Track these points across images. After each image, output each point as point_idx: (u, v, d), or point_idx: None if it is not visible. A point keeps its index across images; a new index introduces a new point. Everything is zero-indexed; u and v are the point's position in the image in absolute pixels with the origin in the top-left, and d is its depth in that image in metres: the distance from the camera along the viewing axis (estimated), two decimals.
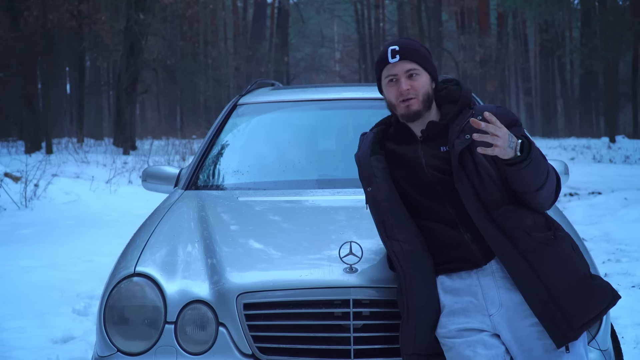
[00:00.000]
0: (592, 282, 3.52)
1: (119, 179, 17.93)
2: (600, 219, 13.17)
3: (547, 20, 45.93)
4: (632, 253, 10.30)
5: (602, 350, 3.85)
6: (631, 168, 23.64)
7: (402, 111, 3.75)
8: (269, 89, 6.59)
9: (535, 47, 61.28)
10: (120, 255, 4.21)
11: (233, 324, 3.76)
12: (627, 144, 33.91)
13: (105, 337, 3.86)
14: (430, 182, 3.66)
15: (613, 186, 17.77)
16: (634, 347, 6.42)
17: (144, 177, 5.93)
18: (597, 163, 26.41)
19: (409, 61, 3.74)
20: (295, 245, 4.24)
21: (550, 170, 3.54)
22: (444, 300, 3.61)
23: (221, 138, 5.84)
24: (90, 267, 9.61)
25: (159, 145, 28.56)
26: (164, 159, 22.68)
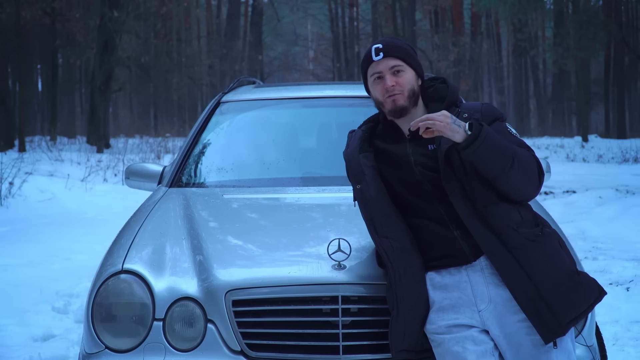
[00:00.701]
0: (579, 279, 3.55)
1: (94, 177, 17.87)
2: (576, 217, 13.25)
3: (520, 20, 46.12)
4: (608, 251, 10.38)
5: (588, 345, 3.88)
6: (604, 167, 23.82)
7: (388, 107, 3.78)
8: (251, 86, 6.58)
9: (508, 47, 61.55)
10: (107, 253, 4.19)
11: (222, 321, 3.76)
12: (599, 143, 34.17)
13: (93, 334, 3.85)
14: (419, 180, 3.68)
15: (587, 185, 17.89)
16: (613, 344, 6.46)
17: (127, 175, 5.92)
18: (571, 162, 26.61)
19: (392, 58, 3.78)
20: (283, 242, 4.24)
21: (518, 152, 3.56)
22: (433, 296, 3.63)
23: (204, 136, 5.84)
24: (68, 265, 9.58)
25: (133, 144, 28.47)
26: (139, 157, 22.62)
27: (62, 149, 25.93)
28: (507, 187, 3.57)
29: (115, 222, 11.65)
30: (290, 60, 62.54)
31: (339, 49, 58.10)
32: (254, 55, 48.77)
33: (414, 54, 3.87)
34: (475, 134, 3.43)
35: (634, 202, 13.79)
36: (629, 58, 48.89)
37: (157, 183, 5.70)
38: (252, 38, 50.38)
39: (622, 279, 8.59)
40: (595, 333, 4.18)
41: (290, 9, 56.67)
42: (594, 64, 55.49)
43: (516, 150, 3.57)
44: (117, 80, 34.54)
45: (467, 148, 3.45)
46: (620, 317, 7.22)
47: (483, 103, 3.79)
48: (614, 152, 28.77)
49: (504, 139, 3.60)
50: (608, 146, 31.78)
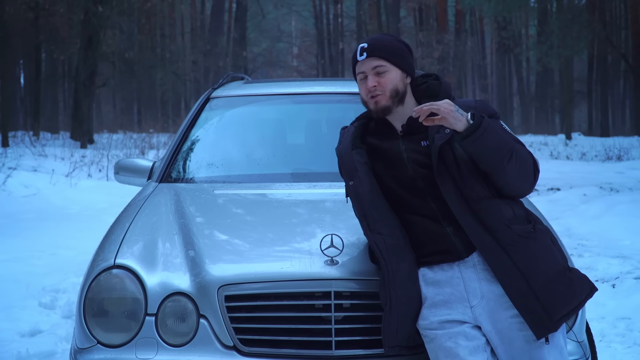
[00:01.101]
0: (571, 275, 3.57)
1: (79, 173, 17.83)
2: (561, 214, 13.29)
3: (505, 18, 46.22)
4: (594, 248, 10.44)
5: (579, 341, 3.91)
6: (588, 165, 23.91)
7: (371, 107, 3.82)
8: (241, 82, 6.58)
9: (492, 45, 61.66)
10: (98, 248, 4.18)
11: (214, 316, 3.76)
12: (582, 141, 34.30)
13: (85, 329, 3.85)
14: (412, 176, 3.69)
15: (571, 182, 17.95)
16: (600, 340, 6.50)
17: (117, 170, 5.91)
18: (555, 160, 26.71)
19: (375, 58, 3.79)
20: (275, 238, 4.24)
21: (516, 147, 3.58)
22: (425, 292, 3.64)
23: (194, 131, 5.83)
24: (54, 260, 9.58)
25: (117, 139, 28.38)
26: (123, 153, 22.54)
27: (46, 144, 25.82)
28: (504, 181, 3.58)
29: (100, 217, 11.72)
30: (274, 57, 62.49)
31: (323, 45, 58.08)
32: (238, 51, 48.67)
33: (404, 52, 3.87)
34: (477, 124, 3.45)
35: (618, 200, 13.83)
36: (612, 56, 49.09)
37: (146, 178, 5.70)
38: (237, 34, 50.28)
39: (608, 276, 8.64)
40: (585, 330, 4.22)
41: (275, 5, 56.62)
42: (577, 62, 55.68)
43: (514, 144, 3.59)
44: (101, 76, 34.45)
45: (468, 137, 3.46)
46: (607, 313, 7.27)
47: (477, 100, 3.80)
48: (597, 150, 28.87)
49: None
50: (591, 144, 31.90)
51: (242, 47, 48.91)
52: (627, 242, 10.72)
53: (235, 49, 49.08)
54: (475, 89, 65.01)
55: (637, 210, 12.67)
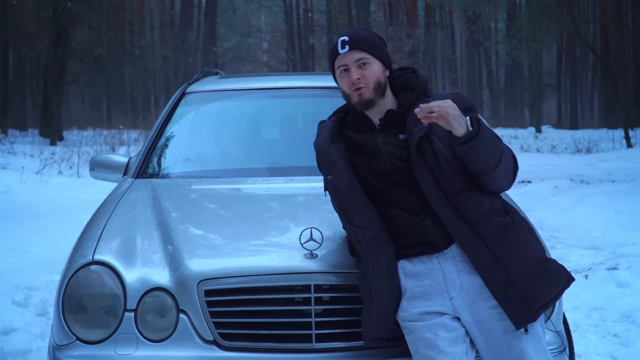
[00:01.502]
0: (548, 265, 3.60)
1: (49, 170, 17.73)
2: (533, 207, 13.36)
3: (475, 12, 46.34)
4: (566, 240, 10.52)
5: (557, 331, 3.95)
6: (558, 157, 24.06)
7: (355, 100, 3.80)
8: (216, 77, 6.57)
9: (462, 39, 61.85)
10: (76, 244, 4.16)
11: (194, 311, 3.76)
12: (552, 133, 34.51)
13: (63, 325, 3.84)
14: (391, 170, 3.70)
15: (542, 175, 18.02)
16: (574, 331, 6.55)
17: (92, 166, 5.89)
18: (525, 153, 26.84)
19: (358, 50, 3.79)
20: (254, 232, 4.24)
21: (504, 149, 3.61)
22: (405, 284, 3.65)
23: (170, 127, 5.81)
24: (27, 258, 9.52)
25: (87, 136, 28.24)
26: (93, 150, 22.45)
27: (15, 142, 25.67)
28: (490, 181, 3.61)
29: (72, 214, 11.67)
30: (244, 52, 62.35)
31: (293, 40, 58.05)
32: (208, 46, 48.43)
33: (382, 45, 3.88)
34: (475, 131, 3.45)
35: (588, 192, 13.92)
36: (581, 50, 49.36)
37: (122, 174, 5.68)
38: (206, 29, 50.02)
39: (581, 267, 8.71)
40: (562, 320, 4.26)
41: (245, 0, 56.48)
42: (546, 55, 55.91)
43: (504, 148, 3.62)
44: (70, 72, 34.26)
45: (466, 143, 3.46)
46: (580, 304, 7.33)
47: (454, 93, 3.81)
48: (567, 143, 29.07)
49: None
50: (561, 137, 32.11)
51: (212, 43, 48.70)
52: (599, 233, 10.81)
53: (205, 44, 48.87)
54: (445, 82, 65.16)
55: (607, 202, 12.76)
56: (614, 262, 8.84)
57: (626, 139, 27.41)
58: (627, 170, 18.57)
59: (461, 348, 3.53)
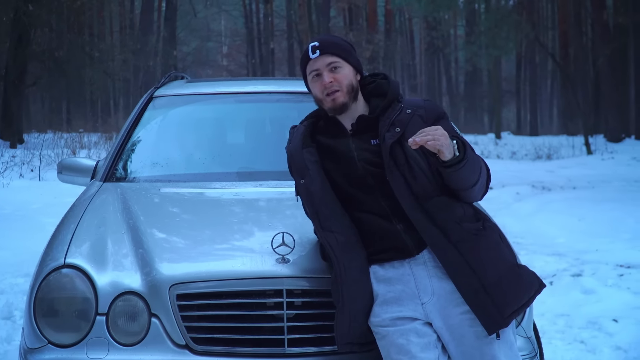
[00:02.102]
0: (520, 271, 3.63)
1: (10, 173, 17.57)
2: (495, 212, 13.40)
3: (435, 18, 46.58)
4: (529, 246, 10.59)
5: (528, 337, 3.97)
6: (518, 163, 24.23)
7: (328, 105, 3.81)
8: (183, 81, 6.57)
9: (422, 45, 62.10)
10: (47, 248, 4.15)
11: (166, 315, 3.75)
12: (512, 140, 34.74)
13: (35, 329, 3.82)
14: (362, 175, 3.72)
15: (503, 181, 18.13)
16: (541, 337, 6.57)
17: (60, 169, 5.86)
18: (486, 159, 26.88)
19: (329, 55, 3.81)
20: (226, 236, 4.25)
21: (482, 165, 3.64)
22: (377, 289, 3.67)
23: (137, 130, 5.79)
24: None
25: (47, 139, 28.02)
26: (54, 153, 22.27)
27: None
28: (466, 196, 3.65)
29: (35, 217, 11.57)
30: (203, 56, 62.28)
31: (253, 45, 58.01)
32: (168, 50, 48.33)
33: (352, 50, 3.91)
34: (461, 156, 3.47)
35: (550, 198, 14.06)
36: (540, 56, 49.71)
37: (90, 178, 5.66)
38: (166, 33, 49.92)
39: (545, 274, 8.77)
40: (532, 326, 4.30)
41: (205, 4, 56.41)
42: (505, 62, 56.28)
43: (482, 164, 3.65)
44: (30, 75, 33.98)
45: (451, 167, 3.47)
46: (546, 310, 7.38)
47: (425, 99, 3.84)
48: (527, 149, 29.26)
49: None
50: (521, 143, 32.32)
51: (172, 46, 48.59)
52: (562, 239, 10.90)
53: (165, 47, 48.75)
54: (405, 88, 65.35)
55: (569, 208, 12.90)
56: (578, 269, 8.92)
57: (586, 145, 27.70)
58: (588, 177, 18.75)
59: (433, 354, 3.55)
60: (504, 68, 58.93)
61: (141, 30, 49.02)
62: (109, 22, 55.42)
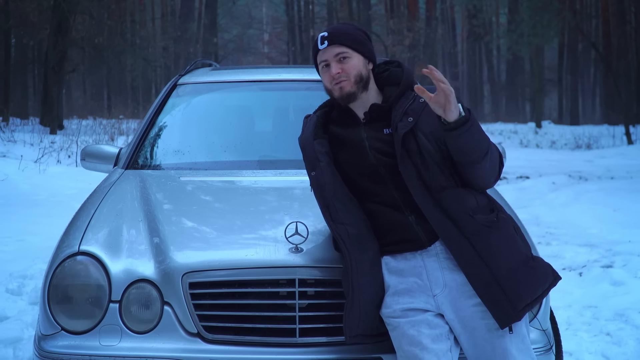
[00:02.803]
0: (534, 264, 3.60)
1: (48, 159, 17.68)
2: (530, 202, 13.36)
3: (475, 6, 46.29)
4: (561, 236, 10.49)
5: (543, 329, 3.93)
6: (557, 153, 24.04)
7: (336, 94, 3.80)
8: (208, 69, 6.57)
9: (463, 32, 61.80)
10: (63, 235, 4.17)
11: (178, 303, 3.76)
12: (552, 129, 34.46)
13: (49, 315, 3.85)
14: (374, 165, 3.70)
15: (540, 171, 18.01)
16: (566, 329, 6.54)
17: (83, 156, 5.89)
18: (525, 148, 26.84)
19: (337, 45, 3.79)
20: (240, 225, 4.25)
21: (490, 143, 3.60)
22: (388, 280, 3.65)
23: (161, 118, 5.81)
24: (22, 246, 9.51)
25: (86, 125, 28.22)
26: (92, 139, 22.42)
27: (15, 130, 25.62)
28: (475, 175, 3.59)
29: (69, 203, 11.63)
30: (245, 43, 62.33)
31: (294, 32, 58.01)
32: (208, 37, 48.42)
33: (364, 39, 3.86)
34: (466, 117, 3.44)
35: (586, 188, 13.92)
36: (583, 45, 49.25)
37: (113, 165, 5.68)
38: (207, 20, 49.98)
39: (575, 264, 8.69)
40: (550, 318, 4.25)
41: None
42: (548, 50, 55.84)
43: (490, 142, 3.60)
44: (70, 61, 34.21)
45: (455, 129, 3.44)
46: (573, 302, 7.31)
47: None
48: (567, 139, 29.03)
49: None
50: (561, 132, 32.07)
51: (212, 34, 48.67)
52: (595, 230, 10.78)
53: (205, 35, 48.86)
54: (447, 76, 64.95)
55: (604, 199, 12.76)
56: (609, 260, 8.81)
57: (627, 135, 27.41)
58: (627, 167, 18.56)
59: (445, 345, 3.53)
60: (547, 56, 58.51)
61: (181, 18, 49.16)
62: (151, 9, 55.66)
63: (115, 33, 33.59)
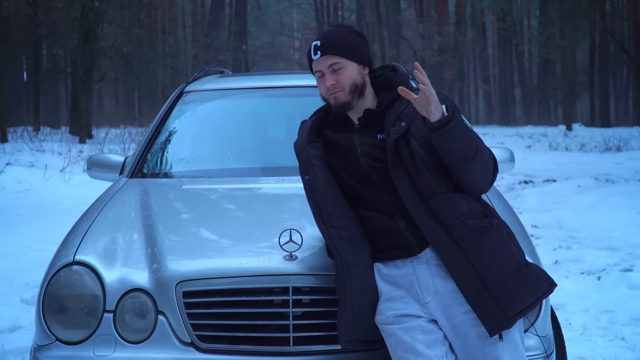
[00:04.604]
0: (527, 270, 3.53)
1: (74, 168, 17.75)
2: (553, 206, 13.24)
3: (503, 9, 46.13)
4: (583, 240, 10.38)
5: (541, 336, 3.86)
6: (586, 156, 23.83)
7: (332, 103, 3.78)
8: (216, 76, 6.55)
9: (494, 36, 61.58)
10: (61, 244, 4.18)
11: (172, 313, 3.74)
12: (583, 131, 34.19)
13: (44, 326, 3.85)
14: (366, 170, 3.66)
15: (568, 174, 17.85)
16: (581, 334, 6.47)
17: (89, 165, 5.90)
18: (554, 151, 26.63)
19: (329, 56, 3.74)
20: (235, 233, 4.22)
21: (481, 145, 3.54)
22: (381, 287, 3.61)
23: (167, 126, 5.80)
24: (41, 255, 9.51)
25: (115, 134, 28.35)
26: (120, 148, 22.50)
27: (44, 140, 25.76)
28: (466, 177, 3.54)
29: None
30: (276, 50, 62.47)
31: None
32: (238, 45, 48.57)
33: (358, 44, 3.79)
34: (449, 117, 3.40)
35: (612, 191, 13.76)
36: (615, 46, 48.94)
37: (118, 174, 5.68)
38: (237, 28, 50.13)
39: (594, 268, 8.59)
40: (553, 323, 4.19)
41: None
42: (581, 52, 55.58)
43: (480, 141, 3.55)
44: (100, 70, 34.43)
45: (439, 129, 3.39)
46: (590, 306, 7.23)
47: (437, 93, 3.76)
48: (597, 141, 28.76)
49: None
50: (591, 135, 31.80)
51: (242, 41, 48.79)
52: (618, 233, 10.65)
53: (235, 42, 48.99)
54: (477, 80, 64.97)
55: (630, 201, 12.62)
56: (629, 264, 8.70)
57: None
58: None
59: (440, 350, 3.48)
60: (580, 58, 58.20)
61: (211, 25, 49.33)
62: (182, 17, 55.89)
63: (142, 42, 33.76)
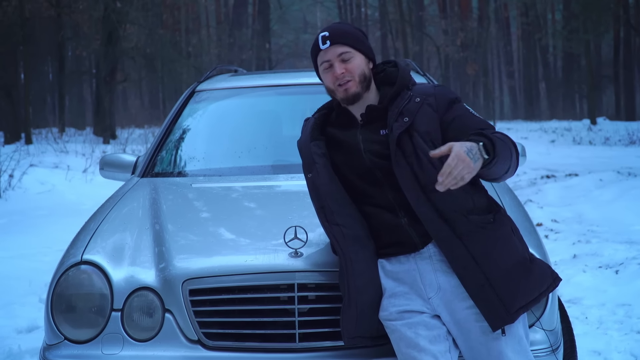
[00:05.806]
0: (531, 266, 3.52)
1: (96, 169, 17.78)
2: (574, 200, 13.18)
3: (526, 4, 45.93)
4: (603, 234, 10.33)
5: (548, 330, 3.85)
6: (610, 150, 23.69)
7: (341, 95, 3.75)
8: (228, 75, 6.57)
9: (518, 31, 61.31)
10: (71, 243, 4.21)
11: (179, 310, 3.76)
12: (607, 125, 33.97)
13: (52, 325, 3.88)
14: (369, 166, 3.66)
15: (591, 168, 17.75)
16: (597, 327, 6.45)
17: (102, 165, 5.92)
18: (577, 145, 26.51)
19: (339, 45, 3.73)
20: (242, 230, 4.23)
21: (512, 149, 3.51)
22: (385, 283, 3.62)
23: (178, 125, 5.83)
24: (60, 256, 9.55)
25: (139, 134, 28.46)
26: (143, 148, 22.59)
27: (69, 141, 25.92)
28: (489, 178, 3.52)
29: None
30: (300, 48, 62.47)
31: None
32: (261, 43, 48.59)
33: (363, 38, 3.82)
34: (491, 157, 3.32)
35: (634, 185, 13.67)
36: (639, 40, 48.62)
37: (130, 173, 5.70)
38: (260, 26, 50.16)
39: (613, 262, 8.55)
40: (562, 317, 4.18)
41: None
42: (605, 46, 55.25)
43: (512, 149, 3.52)
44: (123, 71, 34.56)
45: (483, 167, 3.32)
46: (607, 300, 7.21)
47: (436, 85, 3.76)
48: (621, 135, 28.59)
49: (469, 120, 3.59)
50: (616, 129, 31.60)
51: (265, 39, 48.83)
52: (638, 227, 10.58)
53: (258, 41, 49.01)
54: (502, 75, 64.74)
55: None
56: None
57: None
58: None
59: (443, 346, 3.48)
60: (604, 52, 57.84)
61: (234, 24, 49.40)
62: (205, 17, 55.98)
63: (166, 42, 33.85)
